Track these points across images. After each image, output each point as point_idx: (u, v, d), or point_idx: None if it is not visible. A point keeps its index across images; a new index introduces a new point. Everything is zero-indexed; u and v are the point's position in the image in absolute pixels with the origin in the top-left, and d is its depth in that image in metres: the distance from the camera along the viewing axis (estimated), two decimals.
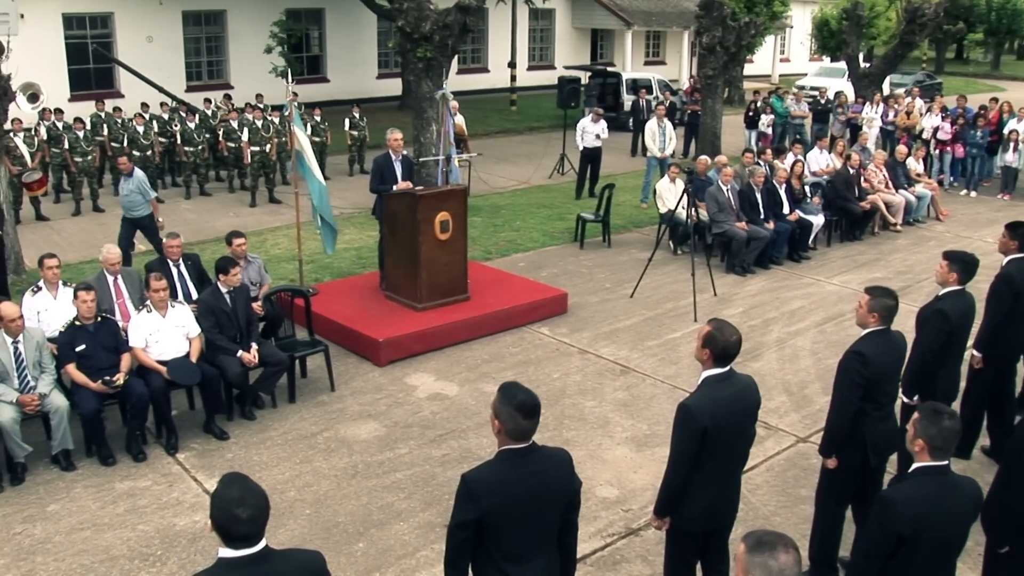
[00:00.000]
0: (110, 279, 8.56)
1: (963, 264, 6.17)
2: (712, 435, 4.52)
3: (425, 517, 6.52)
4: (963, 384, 6.93)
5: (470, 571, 3.93)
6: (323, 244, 11.16)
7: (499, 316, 10.02)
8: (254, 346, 8.04)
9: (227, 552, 3.09)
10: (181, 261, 9.03)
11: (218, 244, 12.55)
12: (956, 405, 6.66)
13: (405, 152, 10.60)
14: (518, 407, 3.73)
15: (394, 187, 10.22)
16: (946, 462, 3.95)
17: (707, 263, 11.67)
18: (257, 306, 8.66)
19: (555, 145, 20.26)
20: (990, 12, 46.15)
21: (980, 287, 6.79)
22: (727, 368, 4.62)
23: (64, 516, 6.52)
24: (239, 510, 3.04)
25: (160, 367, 7.51)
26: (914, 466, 4.00)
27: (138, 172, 12.26)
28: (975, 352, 7.04)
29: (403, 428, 7.89)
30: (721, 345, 4.54)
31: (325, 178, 18.56)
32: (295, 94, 10.99)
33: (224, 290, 8.03)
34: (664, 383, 8.79)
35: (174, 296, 8.30)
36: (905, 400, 6.21)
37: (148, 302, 7.78)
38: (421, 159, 12.83)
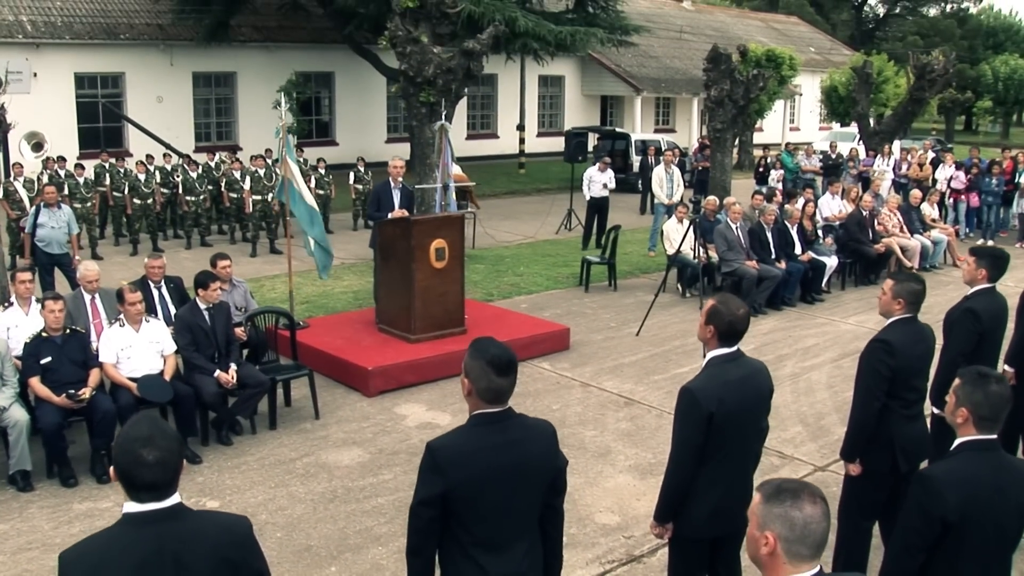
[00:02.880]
0: (87, 298, 8.13)
1: (992, 259, 5.68)
2: (719, 423, 4.00)
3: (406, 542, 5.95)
4: None
5: (436, 564, 3.40)
6: (317, 268, 10.55)
7: None
8: (232, 366, 7.55)
9: (132, 506, 2.56)
10: (163, 283, 8.60)
11: None
12: None
13: (404, 183, 10.25)
14: (491, 361, 3.23)
15: (389, 215, 9.85)
16: (994, 436, 3.38)
17: None
18: (240, 331, 8.20)
19: (562, 204, 19.93)
20: (997, 82, 46.23)
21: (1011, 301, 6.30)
22: (734, 348, 4.12)
23: (12, 536, 5.97)
24: (144, 451, 2.51)
25: (130, 383, 7.02)
26: (957, 441, 3.45)
27: (66, 207, 12.06)
28: (1007, 367, 6.47)
29: (389, 455, 7.34)
30: (727, 320, 4.04)
31: (328, 232, 18.70)
32: (290, 128, 10.62)
33: (203, 306, 7.59)
34: (671, 414, 8.21)
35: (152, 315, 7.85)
36: (935, 411, 5.66)
37: (121, 316, 7.33)
38: (418, 186, 12.47)
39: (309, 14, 27.57)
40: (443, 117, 12.06)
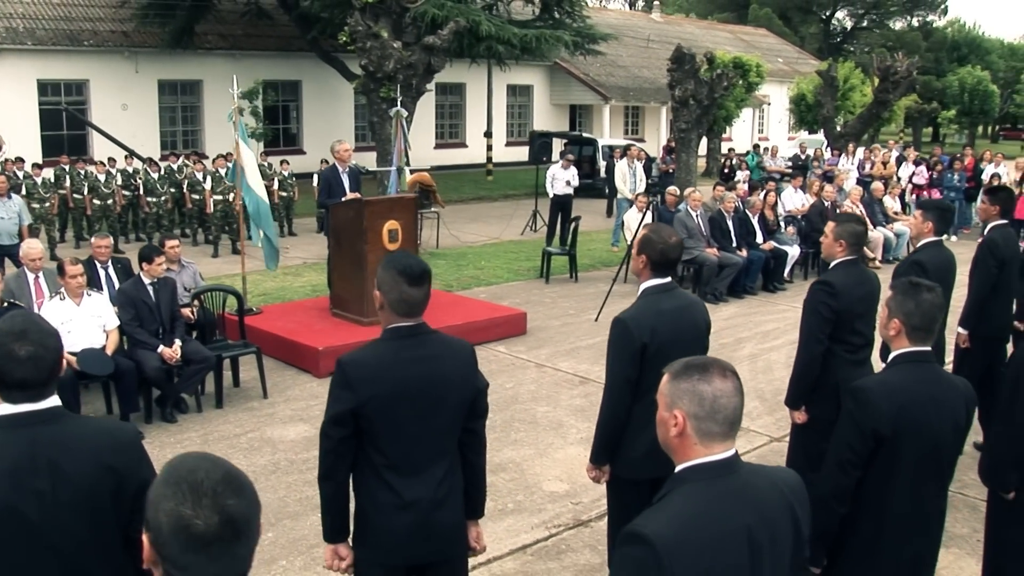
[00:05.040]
0: (30, 277, 7.89)
1: (938, 212, 5.65)
2: (653, 356, 3.88)
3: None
4: (948, 365, 6.33)
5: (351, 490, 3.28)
6: (264, 260, 10.47)
7: (452, 332, 9.33)
8: (177, 342, 7.37)
9: (4, 408, 2.39)
10: (110, 263, 8.42)
11: None
12: None
13: (353, 163, 10.12)
14: (403, 271, 3.10)
15: (343, 199, 9.71)
16: (928, 348, 3.28)
17: None
18: (187, 312, 8.02)
19: (529, 207, 19.81)
20: (963, 93, 46.75)
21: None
22: (668, 279, 4.01)
23: None
24: (16, 345, 2.35)
25: (69, 357, 6.82)
26: (891, 355, 3.35)
27: (16, 196, 11.84)
28: (961, 330, 6.44)
29: None
30: (659, 248, 3.92)
31: (291, 234, 18.56)
32: (241, 111, 10.49)
33: (147, 281, 7.42)
34: None
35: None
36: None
37: (62, 289, 7.14)
38: (372, 168, 12.38)
39: (275, 22, 27.41)
40: (398, 104, 11.93)
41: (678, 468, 2.34)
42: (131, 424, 2.68)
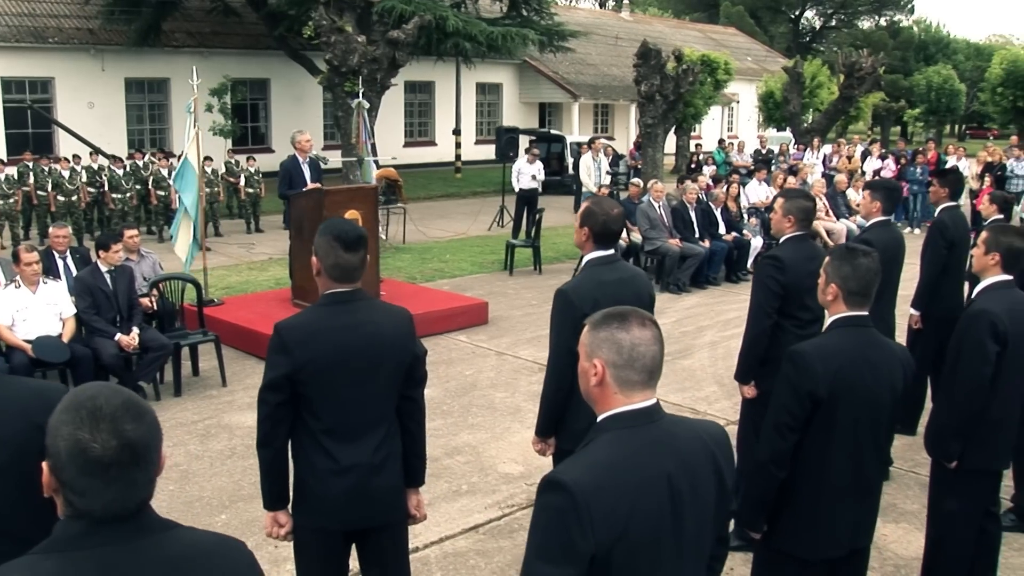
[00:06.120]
0: None
1: (885, 191, 5.70)
2: None
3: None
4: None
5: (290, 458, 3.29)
6: (184, 260, 10.09)
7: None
8: (135, 330, 7.34)
9: None
10: (68, 254, 8.37)
11: None
12: None
13: (313, 154, 10.10)
14: (338, 236, 3.11)
15: (303, 190, 9.69)
16: (865, 312, 3.31)
17: None
18: (145, 301, 7.97)
19: (496, 204, 19.81)
20: (930, 91, 47.26)
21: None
22: (610, 251, 4.04)
23: None
24: None
25: (24, 344, 6.79)
26: (829, 319, 3.39)
27: None
28: (913, 311, 6.52)
29: None
30: (601, 220, 3.94)
31: (258, 230, 18.48)
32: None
33: (104, 269, 7.38)
34: None
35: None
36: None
37: (17, 277, 7.09)
38: (336, 163, 12.38)
39: (242, 19, 27.24)
40: (360, 95, 11.92)
41: (599, 418, 2.36)
42: (60, 384, 2.66)
